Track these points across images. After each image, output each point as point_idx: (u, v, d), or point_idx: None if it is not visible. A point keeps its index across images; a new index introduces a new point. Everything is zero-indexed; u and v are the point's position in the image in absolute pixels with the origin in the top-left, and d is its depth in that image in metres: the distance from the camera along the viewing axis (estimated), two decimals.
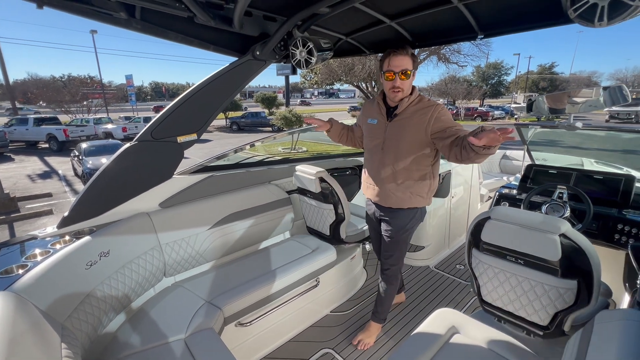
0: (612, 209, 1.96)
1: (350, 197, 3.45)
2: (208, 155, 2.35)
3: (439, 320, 1.50)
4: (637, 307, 1.17)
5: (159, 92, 72.24)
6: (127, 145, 1.70)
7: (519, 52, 64.34)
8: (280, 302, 1.96)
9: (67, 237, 1.59)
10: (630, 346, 0.76)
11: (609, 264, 1.93)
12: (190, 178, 2.14)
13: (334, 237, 2.43)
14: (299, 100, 62.35)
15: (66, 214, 1.64)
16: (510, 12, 1.75)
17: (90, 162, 8.56)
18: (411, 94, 1.76)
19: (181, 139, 1.83)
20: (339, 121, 2.12)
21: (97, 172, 1.66)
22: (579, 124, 2.11)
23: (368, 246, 2.74)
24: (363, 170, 2.02)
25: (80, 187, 8.74)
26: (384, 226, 1.94)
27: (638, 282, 1.40)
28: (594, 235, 1.94)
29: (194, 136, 1.87)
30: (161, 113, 1.76)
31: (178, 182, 2.07)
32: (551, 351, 1.44)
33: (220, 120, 25.01)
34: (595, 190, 2.08)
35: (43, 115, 17.34)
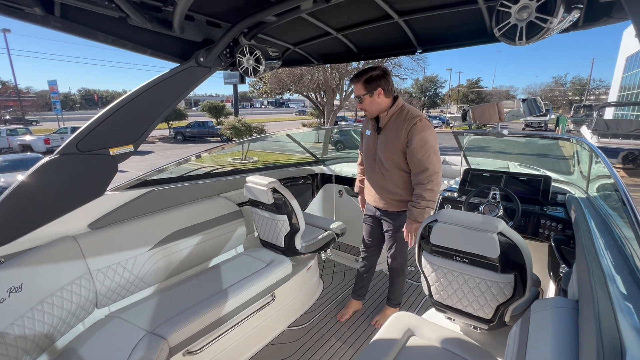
0: (535, 206, 2.21)
1: (304, 206, 3.42)
2: (149, 169, 2.14)
3: (395, 325, 1.53)
4: (563, 294, 1.31)
5: (90, 100, 65.47)
6: (47, 159, 1.47)
7: (451, 68, 71.65)
8: (234, 323, 1.84)
9: None
10: (563, 330, 0.85)
11: (536, 256, 2.16)
12: (126, 194, 1.93)
13: (289, 249, 2.37)
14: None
15: None
16: (445, 31, 1.93)
17: (2, 179, 7.35)
18: (391, 106, 1.90)
19: (114, 151, 1.64)
20: (357, 184, 2.37)
21: (7, 191, 1.39)
22: (505, 132, 2.36)
23: (324, 255, 2.73)
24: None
25: None
26: (384, 225, 2.15)
27: (560, 270, 1.58)
28: (523, 230, 2.16)
29: (129, 148, 1.69)
30: (89, 122, 1.56)
31: (111, 199, 1.85)
32: (496, 342, 1.55)
33: (163, 130, 23.44)
34: (521, 190, 2.33)
35: None
